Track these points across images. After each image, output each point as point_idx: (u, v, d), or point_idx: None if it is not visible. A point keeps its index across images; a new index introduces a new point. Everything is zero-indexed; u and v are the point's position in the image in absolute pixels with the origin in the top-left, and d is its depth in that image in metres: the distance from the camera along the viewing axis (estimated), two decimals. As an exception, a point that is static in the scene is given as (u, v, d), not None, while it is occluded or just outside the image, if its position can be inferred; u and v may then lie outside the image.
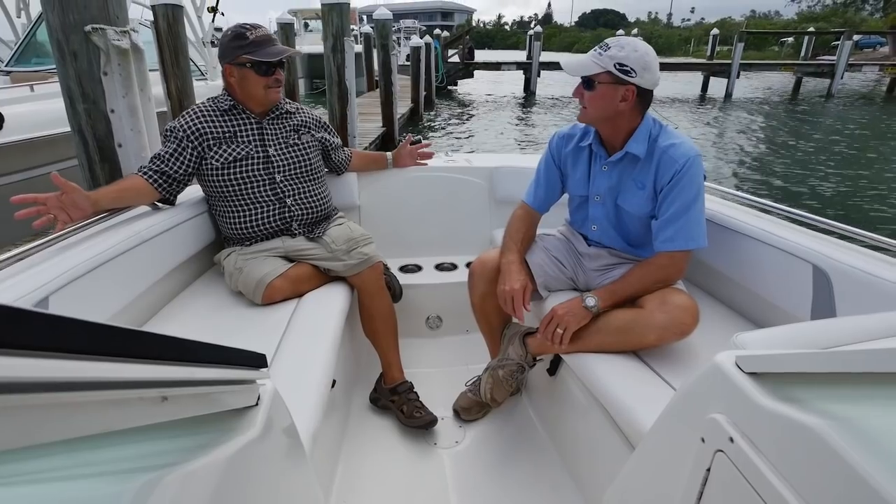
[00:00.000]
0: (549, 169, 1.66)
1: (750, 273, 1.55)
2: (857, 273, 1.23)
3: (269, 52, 1.66)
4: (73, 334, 0.30)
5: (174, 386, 0.43)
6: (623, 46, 1.34)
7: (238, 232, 1.76)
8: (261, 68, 1.67)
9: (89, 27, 1.91)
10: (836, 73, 19.11)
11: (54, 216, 1.34)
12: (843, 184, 7.31)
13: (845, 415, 0.55)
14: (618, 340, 1.36)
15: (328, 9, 5.58)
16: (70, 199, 1.37)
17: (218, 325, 1.55)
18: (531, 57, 19.56)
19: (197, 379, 0.47)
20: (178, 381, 0.44)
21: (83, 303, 1.24)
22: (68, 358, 0.30)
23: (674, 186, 1.39)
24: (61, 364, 0.29)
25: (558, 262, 1.66)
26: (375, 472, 1.59)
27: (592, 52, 1.39)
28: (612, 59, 1.34)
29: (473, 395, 1.77)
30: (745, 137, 11.24)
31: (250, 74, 1.68)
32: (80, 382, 0.31)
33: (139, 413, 0.39)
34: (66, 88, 2.02)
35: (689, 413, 0.76)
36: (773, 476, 0.58)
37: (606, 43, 1.38)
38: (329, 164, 2.09)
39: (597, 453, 1.41)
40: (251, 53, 1.64)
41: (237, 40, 1.65)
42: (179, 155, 1.67)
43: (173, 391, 0.43)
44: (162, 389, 0.42)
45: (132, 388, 0.37)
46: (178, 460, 0.47)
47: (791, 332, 0.92)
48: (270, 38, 1.68)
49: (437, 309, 2.25)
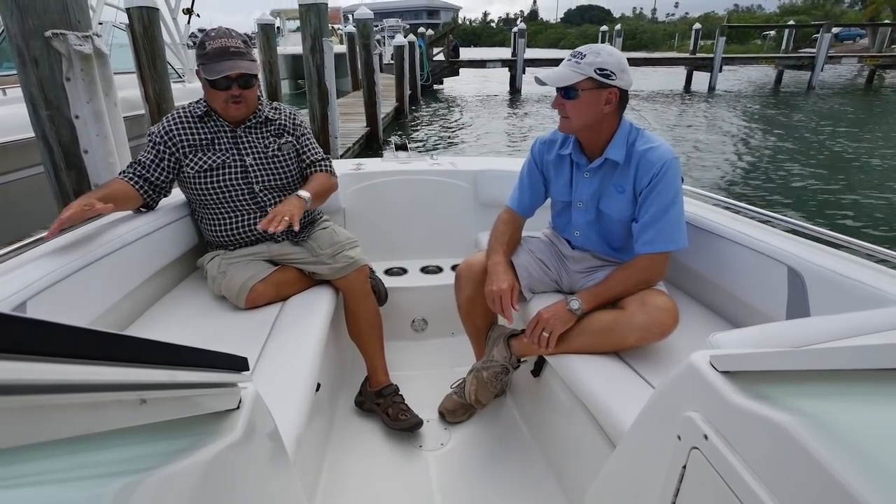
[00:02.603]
0: (532, 174, 1.67)
1: (728, 275, 1.57)
2: (831, 274, 1.25)
3: (217, 67, 1.54)
4: (51, 337, 0.30)
5: (153, 389, 0.43)
6: (599, 52, 1.37)
7: (220, 238, 1.73)
8: (216, 83, 1.57)
9: (49, 32, 1.89)
10: (815, 65, 19.34)
11: None
12: (819, 181, 7.39)
13: (813, 411, 0.56)
14: (600, 341, 1.38)
15: (305, 9, 5.55)
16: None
17: (200, 330, 1.54)
18: (516, 54, 19.59)
19: (176, 382, 0.47)
20: (158, 384, 0.43)
21: (62, 308, 1.22)
22: (45, 361, 0.30)
23: (652, 189, 1.41)
24: (38, 367, 0.29)
25: (543, 264, 1.68)
26: (360, 476, 1.59)
27: (569, 62, 1.40)
28: (591, 65, 1.36)
29: (459, 397, 1.77)
30: (725, 131, 11.34)
31: (208, 87, 1.61)
32: (57, 385, 0.31)
33: (117, 416, 0.39)
34: (29, 95, 2.00)
35: (665, 412, 0.77)
36: (744, 471, 0.59)
37: (580, 51, 1.40)
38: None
39: (580, 453, 1.42)
40: (202, 67, 1.56)
41: (199, 49, 1.58)
42: (160, 161, 1.65)
43: (152, 394, 0.43)
44: (140, 392, 0.41)
45: (109, 390, 0.37)
46: (157, 464, 0.47)
47: (765, 332, 0.94)
48: (225, 51, 1.54)
49: (422, 312, 2.25)
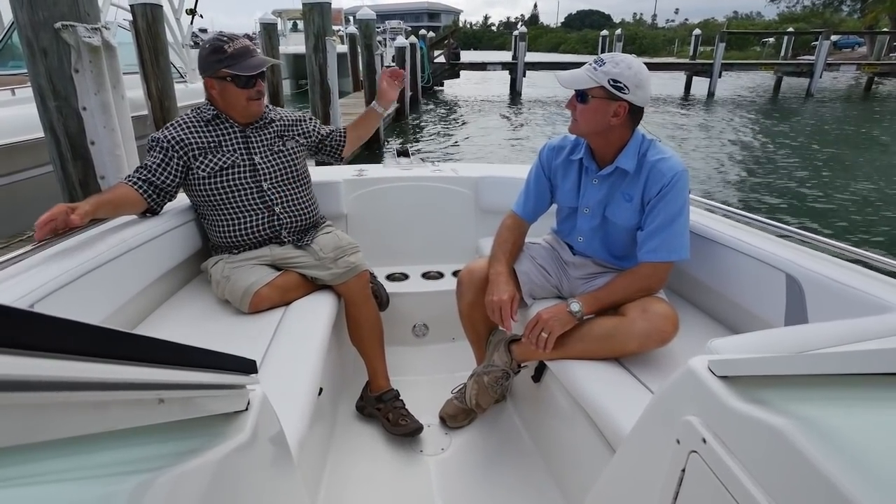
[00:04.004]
0: (539, 180, 1.67)
1: (727, 281, 1.58)
2: (828, 282, 1.26)
3: (247, 65, 1.65)
4: (73, 335, 0.31)
5: (169, 389, 0.44)
6: (618, 63, 1.35)
7: (227, 240, 1.76)
8: (240, 81, 1.67)
9: (59, 24, 1.91)
10: (814, 72, 19.45)
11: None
12: (817, 187, 7.42)
13: (809, 415, 0.57)
14: (600, 348, 1.38)
15: (309, 9, 5.58)
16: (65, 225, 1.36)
17: (204, 333, 1.54)
18: (517, 57, 19.67)
19: (190, 382, 0.48)
20: (173, 384, 0.44)
21: (68, 310, 1.23)
22: (67, 358, 0.30)
23: (661, 199, 1.41)
24: (60, 364, 0.30)
25: (544, 270, 1.68)
26: (362, 480, 1.59)
27: (587, 67, 1.40)
28: (606, 74, 1.35)
29: (459, 402, 1.77)
30: (725, 136, 11.41)
31: (230, 87, 1.68)
32: (77, 382, 0.31)
33: (137, 414, 0.40)
34: (37, 86, 2.02)
35: (664, 416, 0.78)
36: (742, 475, 0.60)
37: (602, 58, 1.39)
38: (325, 154, 2.02)
39: (580, 458, 1.43)
40: (230, 67, 1.64)
41: (216, 54, 1.64)
42: (167, 166, 1.67)
43: (169, 394, 0.44)
44: (158, 392, 0.42)
45: (130, 389, 0.38)
46: (169, 463, 0.48)
47: (763, 338, 0.95)
48: (249, 50, 1.67)
49: (423, 317, 2.26)
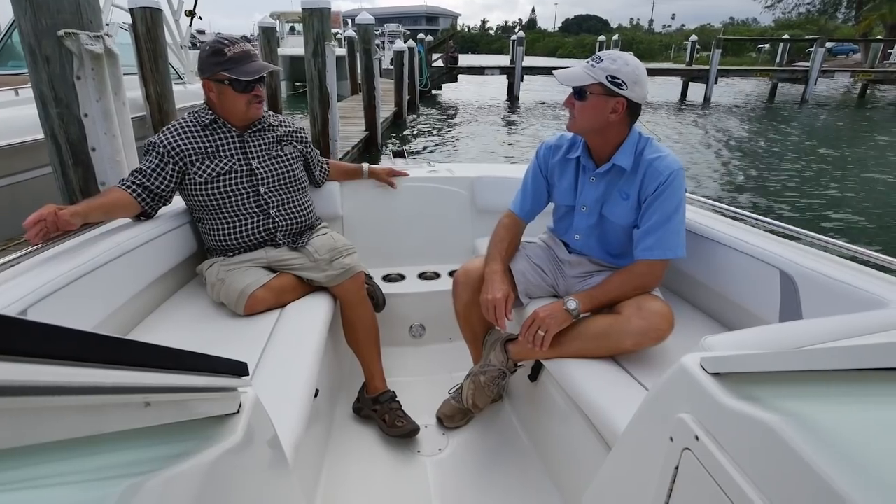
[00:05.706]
0: (536, 178, 1.69)
1: (722, 278, 1.59)
2: (822, 278, 1.27)
3: (246, 69, 1.64)
4: (60, 341, 0.31)
5: (157, 392, 0.44)
6: (615, 59, 1.38)
7: (222, 243, 1.76)
8: (239, 85, 1.66)
9: (62, 32, 1.92)
10: (809, 79, 19.59)
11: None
12: (811, 189, 7.50)
13: (799, 411, 0.57)
14: (596, 346, 1.39)
15: (309, 13, 5.59)
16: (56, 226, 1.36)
17: (200, 336, 1.54)
18: (514, 62, 19.74)
19: (179, 386, 0.48)
20: (161, 387, 0.44)
21: (62, 315, 1.23)
22: (54, 364, 0.31)
23: (657, 197, 1.43)
24: (47, 370, 0.30)
25: (539, 269, 1.69)
26: (359, 482, 1.59)
27: (585, 64, 1.41)
28: (604, 71, 1.37)
29: (456, 402, 1.77)
30: (720, 141, 11.47)
31: (229, 91, 1.67)
32: (65, 388, 0.32)
33: (122, 419, 0.40)
34: (39, 92, 2.02)
35: (658, 413, 0.78)
36: (734, 471, 0.61)
37: (599, 56, 1.40)
38: (310, 177, 2.09)
39: (576, 456, 1.43)
40: (229, 71, 1.63)
41: (215, 56, 1.63)
42: (161, 171, 1.66)
43: (156, 397, 0.44)
44: (145, 395, 0.42)
45: (115, 393, 0.38)
46: (160, 467, 0.48)
47: (757, 335, 0.95)
48: (249, 54, 1.66)
49: (420, 317, 2.26)
